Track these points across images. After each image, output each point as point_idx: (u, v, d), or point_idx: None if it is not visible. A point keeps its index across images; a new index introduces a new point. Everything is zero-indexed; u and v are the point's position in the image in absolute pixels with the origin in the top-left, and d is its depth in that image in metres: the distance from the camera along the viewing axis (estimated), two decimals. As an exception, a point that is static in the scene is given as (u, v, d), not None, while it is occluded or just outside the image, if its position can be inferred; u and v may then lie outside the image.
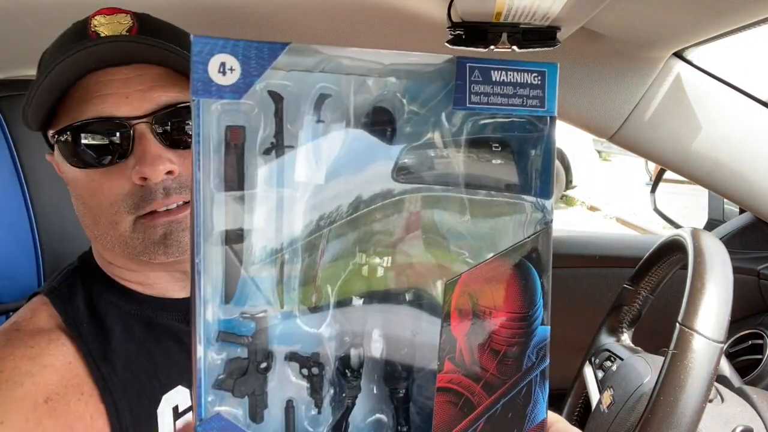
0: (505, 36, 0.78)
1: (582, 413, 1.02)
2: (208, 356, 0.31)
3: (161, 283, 0.68)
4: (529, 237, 0.35)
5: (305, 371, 0.32)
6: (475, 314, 0.35)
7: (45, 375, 0.58)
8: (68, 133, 0.62)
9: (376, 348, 0.34)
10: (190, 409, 0.66)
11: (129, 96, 0.61)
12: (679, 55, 1.00)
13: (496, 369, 0.35)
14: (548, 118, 0.36)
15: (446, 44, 0.80)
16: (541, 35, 0.79)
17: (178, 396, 0.64)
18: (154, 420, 0.62)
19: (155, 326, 0.67)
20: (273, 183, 0.32)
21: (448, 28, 0.80)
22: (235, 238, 0.31)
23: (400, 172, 0.33)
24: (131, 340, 0.65)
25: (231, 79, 0.31)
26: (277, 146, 0.32)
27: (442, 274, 0.35)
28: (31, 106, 0.61)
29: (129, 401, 0.61)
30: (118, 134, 0.61)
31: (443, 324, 0.34)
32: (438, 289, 0.35)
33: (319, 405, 0.33)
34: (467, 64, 0.35)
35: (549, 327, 0.36)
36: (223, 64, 0.31)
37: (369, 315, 0.34)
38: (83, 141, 0.61)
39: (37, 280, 1.10)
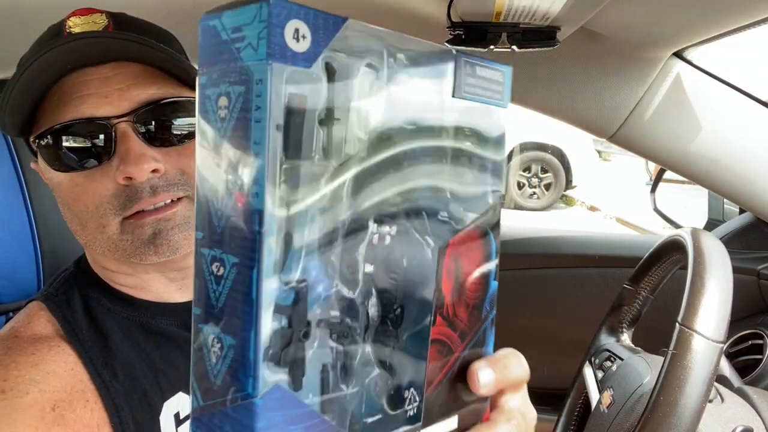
0: (504, 36, 0.79)
1: (582, 413, 1.02)
2: (265, 330, 0.30)
3: (156, 286, 0.67)
4: (491, 205, 0.40)
5: (335, 336, 0.33)
6: (458, 274, 0.39)
7: (49, 382, 0.57)
8: (48, 136, 0.60)
9: (373, 312, 0.35)
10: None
11: (108, 95, 0.59)
12: (679, 55, 1.00)
13: (467, 319, 0.40)
14: (502, 111, 0.41)
15: (446, 44, 0.80)
16: (541, 35, 0.79)
17: (179, 403, 0.63)
18: (157, 428, 0.61)
19: (154, 332, 0.65)
20: (325, 154, 0.31)
21: (447, 27, 0.80)
22: (290, 206, 0.30)
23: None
24: (131, 346, 0.64)
25: (303, 46, 0.30)
26: (328, 117, 0.31)
27: (433, 240, 0.38)
28: (7, 109, 0.59)
29: (132, 409, 0.60)
30: (99, 135, 0.59)
31: (436, 285, 0.37)
32: (430, 255, 0.38)
33: (349, 367, 0.34)
34: (462, 59, 0.38)
35: (497, 281, 0.41)
36: (297, 30, 0.29)
37: (374, 279, 0.35)
38: (64, 144, 0.59)
39: (37, 280, 1.09)
